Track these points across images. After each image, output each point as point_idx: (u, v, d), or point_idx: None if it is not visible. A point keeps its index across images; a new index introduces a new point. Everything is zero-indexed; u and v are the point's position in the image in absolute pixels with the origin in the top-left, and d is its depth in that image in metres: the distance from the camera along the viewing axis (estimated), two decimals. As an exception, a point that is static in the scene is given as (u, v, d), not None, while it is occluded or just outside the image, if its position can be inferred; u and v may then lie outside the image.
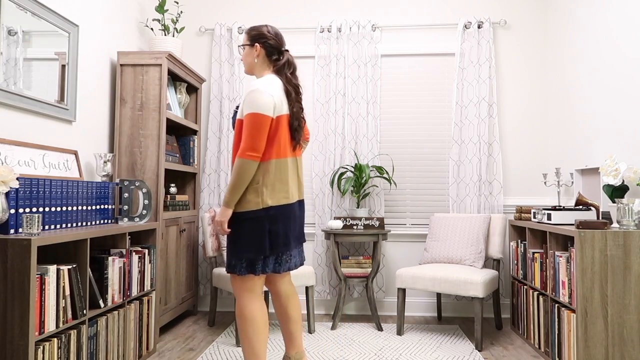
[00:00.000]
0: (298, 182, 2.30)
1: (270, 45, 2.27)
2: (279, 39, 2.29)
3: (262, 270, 2.17)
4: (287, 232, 2.19)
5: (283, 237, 2.17)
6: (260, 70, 2.31)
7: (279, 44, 2.29)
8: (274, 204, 2.15)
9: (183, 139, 3.73)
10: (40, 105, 2.51)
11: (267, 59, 2.29)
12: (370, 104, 3.85)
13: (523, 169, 3.88)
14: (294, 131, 2.23)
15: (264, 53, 2.28)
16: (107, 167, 2.86)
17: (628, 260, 2.37)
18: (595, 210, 2.82)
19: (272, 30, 2.29)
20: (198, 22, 4.10)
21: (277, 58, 2.29)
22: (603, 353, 2.37)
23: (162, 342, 3.14)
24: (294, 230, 2.25)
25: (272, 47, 2.28)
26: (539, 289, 2.94)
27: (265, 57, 2.29)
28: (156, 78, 3.17)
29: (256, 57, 2.29)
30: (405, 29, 3.99)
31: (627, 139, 2.78)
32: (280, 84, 2.24)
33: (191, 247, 3.72)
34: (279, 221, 2.16)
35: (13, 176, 1.93)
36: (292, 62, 2.29)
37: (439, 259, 3.47)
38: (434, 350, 2.96)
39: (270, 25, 2.31)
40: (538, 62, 3.91)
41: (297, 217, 2.27)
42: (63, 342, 2.02)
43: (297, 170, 2.30)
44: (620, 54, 2.84)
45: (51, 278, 1.95)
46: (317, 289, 3.87)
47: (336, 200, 3.85)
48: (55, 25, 2.63)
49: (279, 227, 2.16)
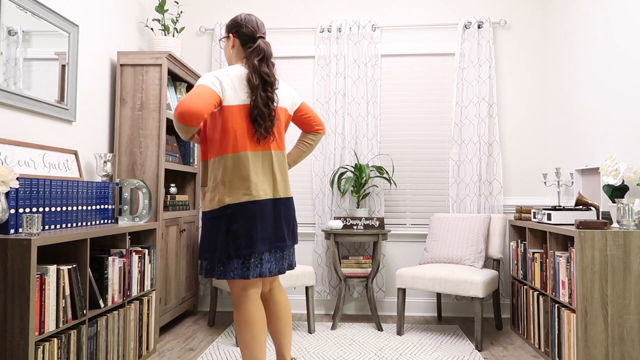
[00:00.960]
0: (272, 178, 2.08)
1: (243, 34, 2.13)
2: (252, 26, 2.13)
3: (222, 274, 2.00)
4: (250, 232, 1.98)
5: (245, 237, 1.97)
6: (235, 61, 2.18)
7: (253, 31, 2.13)
8: (232, 202, 1.99)
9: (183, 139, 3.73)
10: (40, 105, 2.51)
11: (241, 48, 2.16)
12: (370, 104, 3.85)
13: (523, 169, 3.88)
14: (254, 121, 2.03)
15: (238, 43, 2.16)
16: (107, 167, 2.86)
17: (628, 260, 2.37)
18: (595, 210, 2.82)
19: (245, 17, 2.14)
20: (198, 22, 4.10)
21: (249, 46, 2.13)
22: (603, 353, 2.37)
23: (162, 342, 3.14)
24: (263, 230, 2.01)
25: (245, 35, 2.13)
26: (539, 289, 2.94)
27: (240, 47, 2.16)
28: (156, 78, 3.17)
29: (231, 47, 2.17)
30: (405, 29, 3.99)
31: (627, 139, 2.78)
32: (239, 72, 2.06)
33: (191, 247, 3.72)
34: (238, 220, 1.98)
35: (13, 176, 1.93)
36: (262, 48, 2.09)
37: (439, 259, 3.47)
38: (434, 350, 2.96)
39: (247, 13, 2.17)
40: (538, 62, 3.91)
41: (269, 216, 2.04)
42: (63, 342, 2.02)
43: (271, 164, 2.08)
44: (621, 54, 2.84)
45: (51, 278, 1.95)
46: (317, 289, 3.87)
47: (336, 200, 3.85)
48: (55, 25, 2.63)
49: (239, 226, 1.98)
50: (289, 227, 2.14)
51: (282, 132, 2.18)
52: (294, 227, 2.18)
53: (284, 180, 2.13)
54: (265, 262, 2.04)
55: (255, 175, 2.03)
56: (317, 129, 2.34)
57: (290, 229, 2.15)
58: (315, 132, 2.34)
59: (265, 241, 2.03)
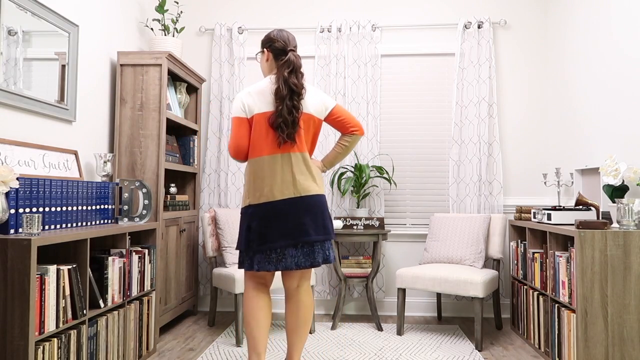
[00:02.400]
0: (292, 178, 2.23)
1: (276, 48, 2.34)
2: (284, 41, 2.33)
3: (249, 266, 2.24)
4: (262, 230, 2.20)
5: (258, 235, 2.20)
6: (268, 73, 2.41)
7: (284, 45, 2.33)
8: (252, 202, 2.25)
9: (183, 139, 3.73)
10: (40, 105, 2.51)
11: (274, 62, 2.37)
12: (370, 104, 3.85)
13: (523, 169, 3.89)
14: (278, 127, 2.22)
15: (271, 56, 2.37)
16: (107, 167, 2.86)
17: (628, 260, 2.37)
18: (595, 210, 2.82)
19: (277, 33, 2.35)
20: (198, 22, 4.10)
21: (281, 59, 2.33)
22: (603, 353, 2.37)
23: (162, 342, 3.14)
24: (281, 228, 2.19)
25: (278, 49, 2.34)
26: (539, 289, 2.94)
27: (273, 60, 2.37)
28: (156, 78, 3.17)
29: (265, 60, 2.40)
30: (405, 29, 3.99)
31: (627, 139, 2.78)
32: (265, 83, 2.31)
33: (191, 247, 3.72)
34: (255, 219, 2.22)
35: (13, 176, 1.93)
36: (292, 61, 2.28)
37: (439, 259, 3.47)
38: (434, 350, 2.96)
39: (279, 29, 2.38)
40: (538, 62, 3.91)
41: (289, 213, 2.20)
42: (63, 342, 2.02)
43: (290, 166, 2.24)
44: (621, 53, 2.84)
45: (51, 278, 1.95)
46: (317, 289, 3.87)
47: (336, 200, 3.85)
48: (55, 25, 2.63)
49: (255, 225, 2.22)
50: (317, 222, 2.25)
51: (303, 136, 2.31)
52: (325, 222, 2.28)
53: (307, 180, 2.26)
54: (289, 256, 2.21)
55: (271, 178, 2.23)
56: (352, 131, 2.40)
57: (318, 224, 2.25)
58: (350, 133, 2.40)
59: (287, 237, 2.20)
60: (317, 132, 2.39)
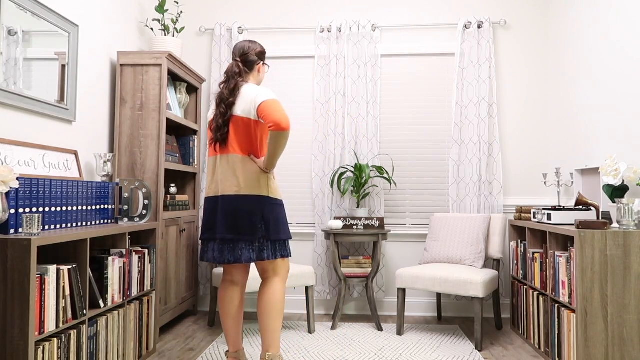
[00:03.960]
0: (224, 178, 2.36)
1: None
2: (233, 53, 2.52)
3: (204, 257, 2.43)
4: (208, 222, 2.41)
5: (205, 225, 2.42)
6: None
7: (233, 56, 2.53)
8: (205, 196, 2.48)
9: (183, 139, 3.73)
10: (40, 105, 2.51)
11: None
12: (370, 104, 3.85)
13: (523, 169, 3.89)
14: (213, 131, 2.42)
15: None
16: (107, 167, 2.86)
17: (628, 260, 2.37)
18: (595, 210, 2.82)
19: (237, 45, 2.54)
20: (198, 22, 4.10)
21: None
22: (603, 353, 2.37)
23: (162, 342, 3.14)
24: (221, 222, 2.33)
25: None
26: (539, 289, 2.94)
27: None
28: (156, 78, 3.17)
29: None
30: (405, 29, 3.99)
31: (627, 139, 2.78)
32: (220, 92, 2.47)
33: (191, 247, 3.72)
34: (205, 212, 2.44)
35: (13, 176, 1.93)
36: (227, 70, 2.46)
37: (439, 259, 3.47)
38: (434, 350, 2.96)
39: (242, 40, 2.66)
40: (538, 62, 3.91)
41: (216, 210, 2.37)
42: (63, 342, 2.02)
43: (221, 167, 2.39)
44: (621, 53, 2.84)
45: (51, 278, 1.95)
46: (317, 289, 3.87)
47: (336, 200, 3.85)
48: (55, 25, 2.63)
49: (205, 217, 2.44)
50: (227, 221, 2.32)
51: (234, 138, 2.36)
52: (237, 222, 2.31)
53: (227, 181, 2.36)
54: (209, 250, 2.40)
55: (212, 176, 2.43)
56: (269, 127, 2.21)
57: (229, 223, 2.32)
58: (270, 130, 2.22)
59: (211, 231, 2.39)
60: (255, 132, 2.34)
